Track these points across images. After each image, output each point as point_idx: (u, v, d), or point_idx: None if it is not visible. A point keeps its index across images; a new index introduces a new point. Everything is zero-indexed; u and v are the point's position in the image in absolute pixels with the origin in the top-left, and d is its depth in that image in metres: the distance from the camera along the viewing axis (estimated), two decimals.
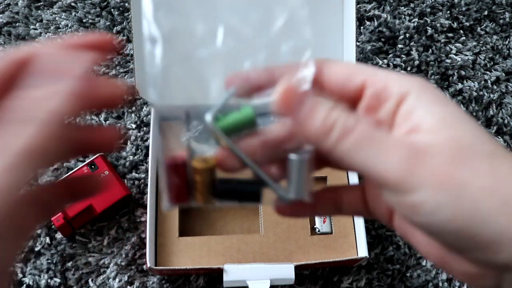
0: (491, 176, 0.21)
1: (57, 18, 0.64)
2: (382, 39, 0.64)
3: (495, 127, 0.60)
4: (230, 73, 0.25)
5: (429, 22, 0.65)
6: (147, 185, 0.55)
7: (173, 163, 0.24)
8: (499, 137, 0.60)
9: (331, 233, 0.53)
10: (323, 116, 0.23)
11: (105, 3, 0.65)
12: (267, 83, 0.25)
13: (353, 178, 0.54)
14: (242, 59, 0.25)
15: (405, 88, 0.23)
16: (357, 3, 0.53)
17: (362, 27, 0.65)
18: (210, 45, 0.26)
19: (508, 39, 0.65)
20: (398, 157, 0.21)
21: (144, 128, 0.58)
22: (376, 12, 0.65)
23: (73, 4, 0.64)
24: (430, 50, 0.64)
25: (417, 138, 0.22)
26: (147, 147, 0.57)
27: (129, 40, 0.62)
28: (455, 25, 0.65)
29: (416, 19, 0.65)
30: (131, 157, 0.57)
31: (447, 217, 0.21)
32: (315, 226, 0.53)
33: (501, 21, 0.66)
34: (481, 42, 0.64)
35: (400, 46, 0.64)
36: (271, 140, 0.25)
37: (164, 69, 0.25)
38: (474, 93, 0.62)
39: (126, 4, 0.64)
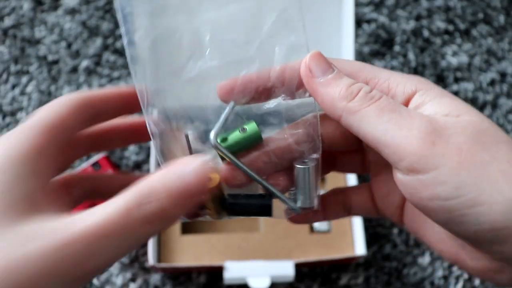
0: (510, 160, 0.20)
1: (61, 21, 0.65)
2: (379, 42, 0.66)
3: None
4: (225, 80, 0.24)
5: (425, 24, 0.67)
6: None
7: None
8: None
9: (330, 231, 0.54)
10: (348, 83, 0.23)
11: (109, 6, 0.66)
12: (264, 87, 0.24)
13: (352, 180, 0.55)
14: (236, 67, 0.25)
15: (410, 87, 0.23)
16: (355, 6, 0.54)
17: (359, 30, 0.66)
18: (199, 57, 0.25)
19: (503, 41, 0.66)
20: (419, 129, 0.21)
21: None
22: (374, 15, 0.67)
23: (77, 7, 0.66)
24: (427, 52, 0.65)
25: (437, 117, 0.22)
26: (149, 148, 0.58)
27: None
28: (451, 27, 0.66)
29: (413, 22, 0.66)
30: (134, 157, 0.58)
31: (467, 200, 0.20)
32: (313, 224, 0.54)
33: (495, 24, 0.67)
34: (476, 44, 0.66)
35: (397, 48, 0.65)
36: (276, 150, 0.25)
37: (158, 88, 0.24)
38: (470, 94, 0.63)
39: None
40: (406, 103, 0.23)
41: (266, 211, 0.24)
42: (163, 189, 0.19)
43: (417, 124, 0.21)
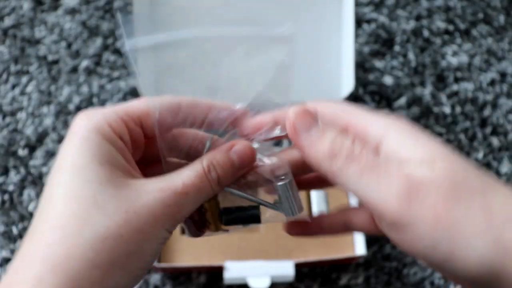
0: (483, 214, 0.22)
1: (61, 21, 0.65)
2: (379, 42, 0.66)
3: (490, 128, 0.62)
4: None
5: (425, 24, 0.67)
6: None
7: None
8: (494, 136, 0.61)
9: None
10: (330, 141, 0.24)
11: (109, 6, 0.66)
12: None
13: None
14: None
15: (381, 131, 0.25)
16: (355, 6, 0.54)
17: (359, 30, 0.66)
18: None
19: (503, 41, 0.66)
20: (397, 191, 0.22)
21: None
22: (374, 15, 0.67)
23: (77, 7, 0.66)
24: (427, 52, 0.65)
25: (413, 170, 0.23)
26: None
27: None
28: (451, 27, 0.66)
29: (413, 22, 0.66)
30: None
31: (444, 255, 0.22)
32: None
33: (495, 23, 0.67)
34: (476, 44, 0.66)
35: (397, 48, 0.65)
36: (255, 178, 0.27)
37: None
38: (470, 94, 0.63)
39: (129, 7, 0.65)
40: (378, 146, 0.25)
41: (256, 219, 0.28)
42: (217, 163, 0.25)
43: (395, 184, 0.23)
